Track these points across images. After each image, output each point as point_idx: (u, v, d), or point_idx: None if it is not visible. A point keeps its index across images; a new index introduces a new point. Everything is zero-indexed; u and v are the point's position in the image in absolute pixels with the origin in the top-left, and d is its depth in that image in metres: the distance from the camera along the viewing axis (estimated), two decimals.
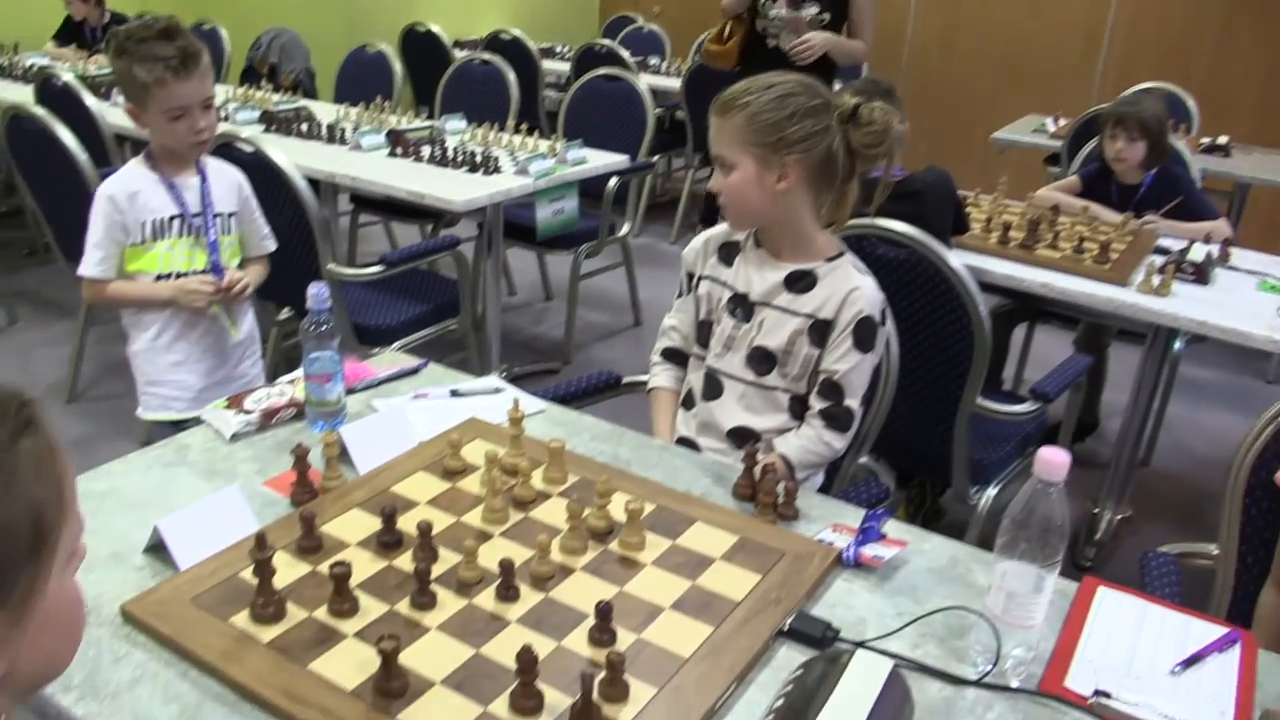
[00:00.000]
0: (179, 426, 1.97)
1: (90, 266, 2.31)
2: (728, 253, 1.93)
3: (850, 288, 1.79)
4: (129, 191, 2.29)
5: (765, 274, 1.85)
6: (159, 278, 2.35)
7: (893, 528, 1.51)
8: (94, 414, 3.70)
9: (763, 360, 1.85)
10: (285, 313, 3.43)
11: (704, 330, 1.94)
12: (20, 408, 0.73)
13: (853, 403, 1.82)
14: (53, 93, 3.94)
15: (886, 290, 1.85)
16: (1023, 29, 6.65)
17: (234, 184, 2.46)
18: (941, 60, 7.02)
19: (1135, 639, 1.31)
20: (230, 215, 2.44)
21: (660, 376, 2.05)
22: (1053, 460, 1.14)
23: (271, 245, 2.56)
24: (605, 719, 1.10)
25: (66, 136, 3.17)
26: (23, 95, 4.15)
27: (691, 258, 1.99)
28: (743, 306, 1.87)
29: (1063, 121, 4.99)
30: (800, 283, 1.82)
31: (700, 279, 1.95)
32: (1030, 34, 6.63)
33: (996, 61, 6.75)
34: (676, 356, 2.04)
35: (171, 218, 2.33)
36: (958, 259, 2.27)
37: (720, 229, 1.96)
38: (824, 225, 1.85)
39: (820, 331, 1.80)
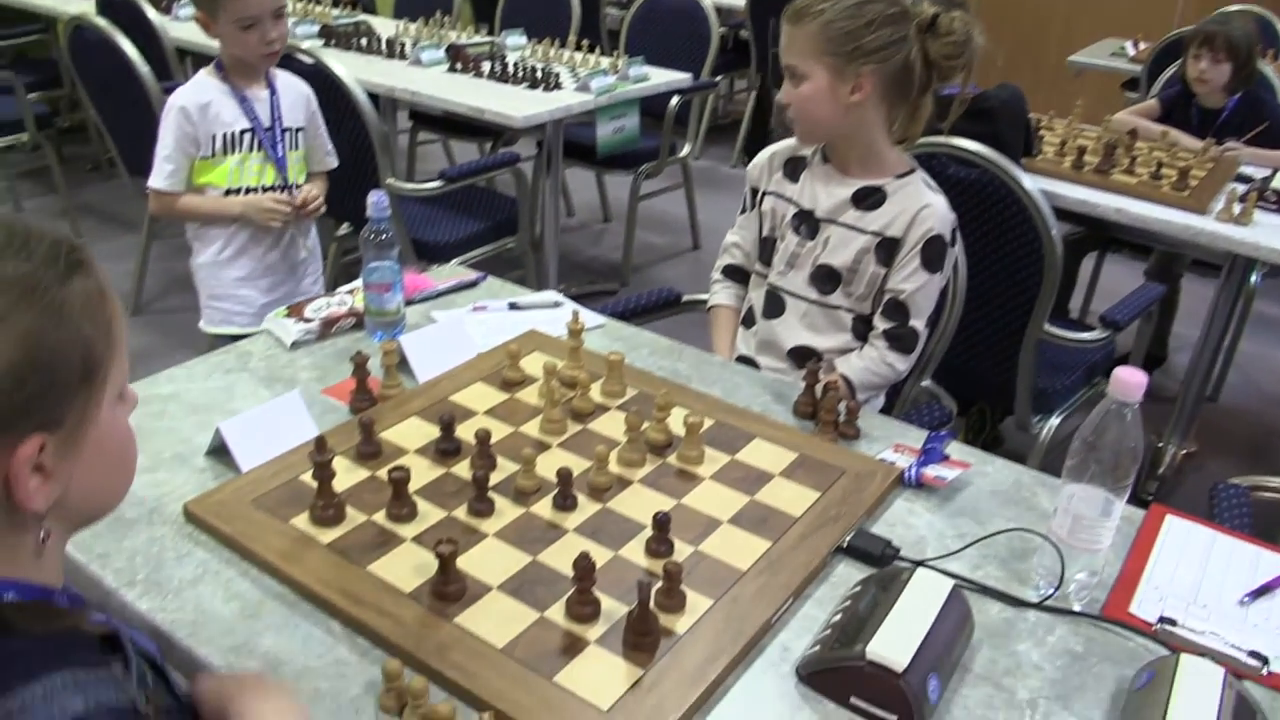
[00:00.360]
0: (241, 341, 2.00)
1: (160, 179, 2.32)
2: (793, 168, 1.89)
3: (921, 205, 1.75)
4: (200, 103, 2.29)
5: (832, 190, 1.81)
6: (228, 192, 2.35)
7: (955, 449, 1.48)
8: (157, 326, 3.76)
9: (827, 279, 1.82)
10: (344, 228, 3.44)
11: (766, 247, 1.91)
12: (71, 250, 0.77)
13: (918, 324, 1.79)
14: (114, 4, 3.94)
15: (956, 211, 1.80)
16: None
17: (302, 98, 2.45)
18: None
19: (1203, 568, 1.28)
20: (298, 130, 2.43)
21: (720, 294, 2.03)
22: (1129, 380, 1.11)
23: (334, 162, 2.56)
24: (662, 628, 1.10)
25: (129, 48, 3.18)
26: (84, 6, 4.16)
27: (756, 172, 1.95)
28: (808, 223, 1.84)
29: (1143, 45, 4.81)
30: (869, 199, 1.78)
31: (764, 194, 1.92)
32: None
33: None
34: (738, 274, 2.02)
35: (243, 131, 2.33)
36: (1031, 182, 2.20)
37: (786, 143, 1.91)
38: (895, 141, 1.80)
39: (887, 250, 1.77)
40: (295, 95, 2.43)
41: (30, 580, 0.77)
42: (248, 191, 2.36)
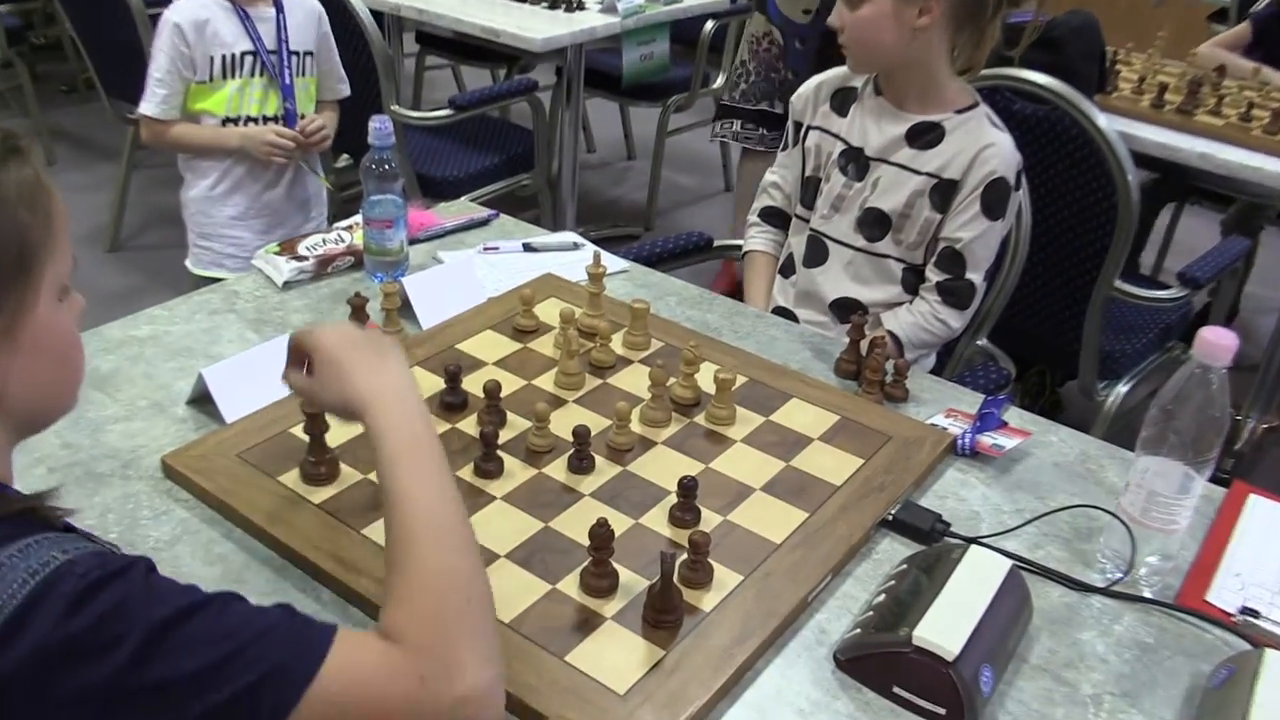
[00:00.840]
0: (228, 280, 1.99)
1: (151, 104, 2.29)
2: (842, 100, 1.85)
3: (983, 144, 1.71)
4: (197, 20, 2.24)
5: (885, 126, 1.78)
6: (225, 121, 2.32)
7: (1014, 416, 1.46)
8: (137, 264, 3.77)
9: (876, 224, 1.79)
10: (344, 160, 3.42)
11: (809, 188, 1.88)
12: (7, 138, 0.81)
13: (975, 276, 1.75)
14: None
15: (1022, 151, 1.77)
16: None
17: (313, 17, 2.40)
18: None
19: None
20: (307, 54, 2.39)
21: (757, 239, 2.00)
22: (1217, 341, 1.08)
23: (346, 90, 2.53)
24: (686, 605, 1.09)
25: None
26: None
27: (800, 105, 1.91)
28: (856, 162, 1.80)
29: None
30: (925, 136, 1.74)
31: (809, 129, 1.88)
32: None
33: None
34: (777, 218, 1.99)
35: (244, 53, 2.29)
36: (1106, 121, 2.16)
37: (835, 73, 1.88)
38: (957, 71, 1.76)
39: (944, 193, 1.73)
40: (304, 14, 2.38)
41: None
42: (248, 121, 2.32)
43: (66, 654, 0.69)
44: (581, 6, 3.44)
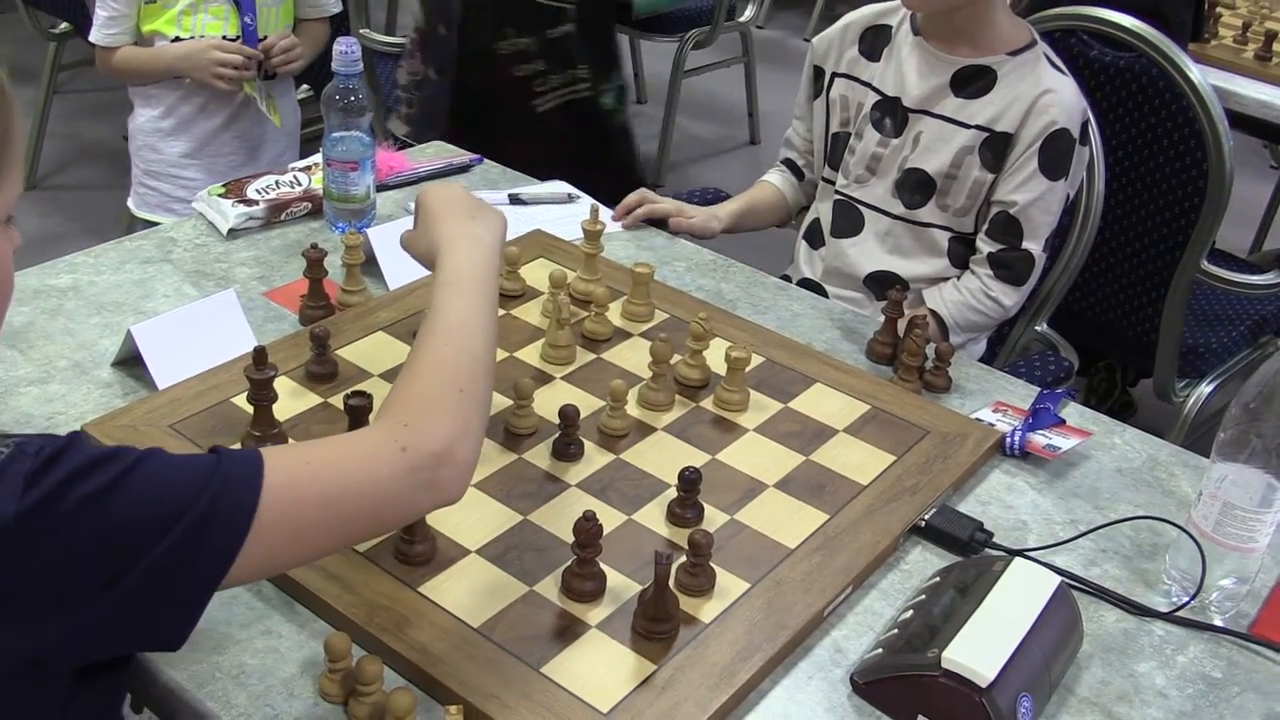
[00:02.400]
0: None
1: (96, 30, 2.31)
2: (873, 42, 1.87)
3: (1041, 90, 1.73)
4: None
5: (926, 71, 1.79)
6: (176, 41, 2.32)
7: (1073, 414, 1.48)
8: (58, 205, 3.79)
9: (917, 188, 1.81)
10: (304, 90, 3.43)
11: (838, 145, 1.90)
12: None
13: (1033, 246, 1.77)
14: None
15: (1097, 106, 1.79)
16: None
17: None
18: None
19: None
20: None
21: (772, 174, 2.05)
22: None
23: (334, 6, 2.53)
24: (683, 614, 1.11)
25: None
26: None
27: (823, 48, 1.93)
28: (893, 115, 1.82)
29: None
30: (974, 84, 1.76)
31: (834, 77, 1.90)
32: None
33: None
34: (797, 171, 2.02)
35: None
36: (1200, 73, 2.17)
37: (866, 10, 1.89)
38: (1017, 10, 1.78)
39: (997, 149, 1.75)
40: None
41: None
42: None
43: (28, 524, 0.77)
44: None
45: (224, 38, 2.33)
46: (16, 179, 0.92)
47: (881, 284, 1.83)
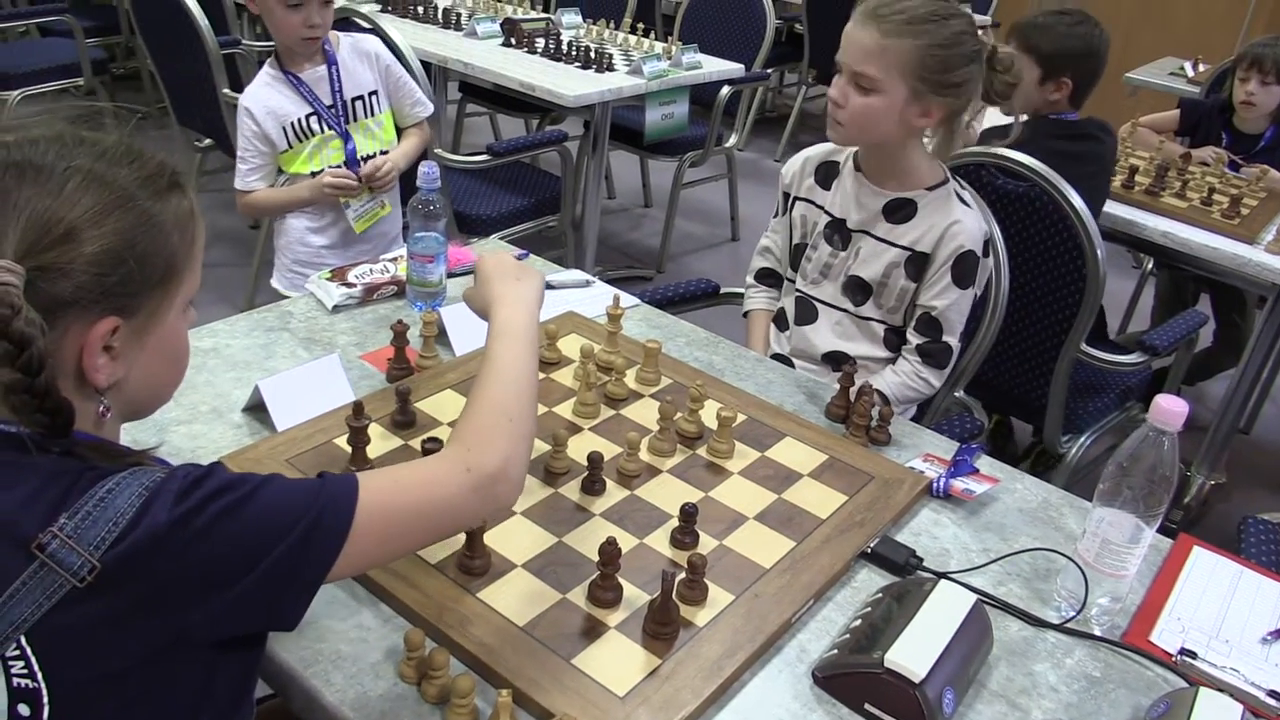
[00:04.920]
0: (283, 300, 1.99)
1: (238, 179, 2.32)
2: (825, 174, 1.87)
3: (950, 221, 1.73)
4: (261, 101, 2.27)
5: (864, 200, 1.79)
6: (314, 175, 2.33)
7: (985, 463, 1.48)
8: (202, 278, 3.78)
9: (858, 290, 1.81)
10: None
11: (797, 254, 1.90)
12: (172, 173, 0.91)
13: (951, 339, 1.77)
14: None
15: (1001, 224, 1.78)
16: None
17: (368, 56, 2.39)
18: None
19: (1227, 603, 1.27)
20: (371, 95, 2.38)
21: (756, 299, 2.03)
22: (1170, 409, 1.10)
23: (425, 111, 2.50)
24: (682, 619, 1.11)
25: (189, 0, 3.19)
26: None
27: (789, 177, 1.94)
28: (840, 233, 1.82)
29: (1203, 67, 4.75)
30: (900, 212, 1.76)
31: (796, 200, 1.91)
32: None
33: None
34: (771, 277, 2.02)
35: (308, 116, 2.30)
36: (1080, 200, 2.18)
37: (820, 149, 1.90)
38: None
39: (918, 265, 1.75)
40: (358, 56, 2.38)
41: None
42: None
43: (179, 530, 0.80)
44: (610, 68, 3.47)
45: (343, 164, 2.35)
46: (196, 278, 0.94)
47: (836, 361, 1.83)
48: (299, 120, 2.29)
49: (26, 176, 0.81)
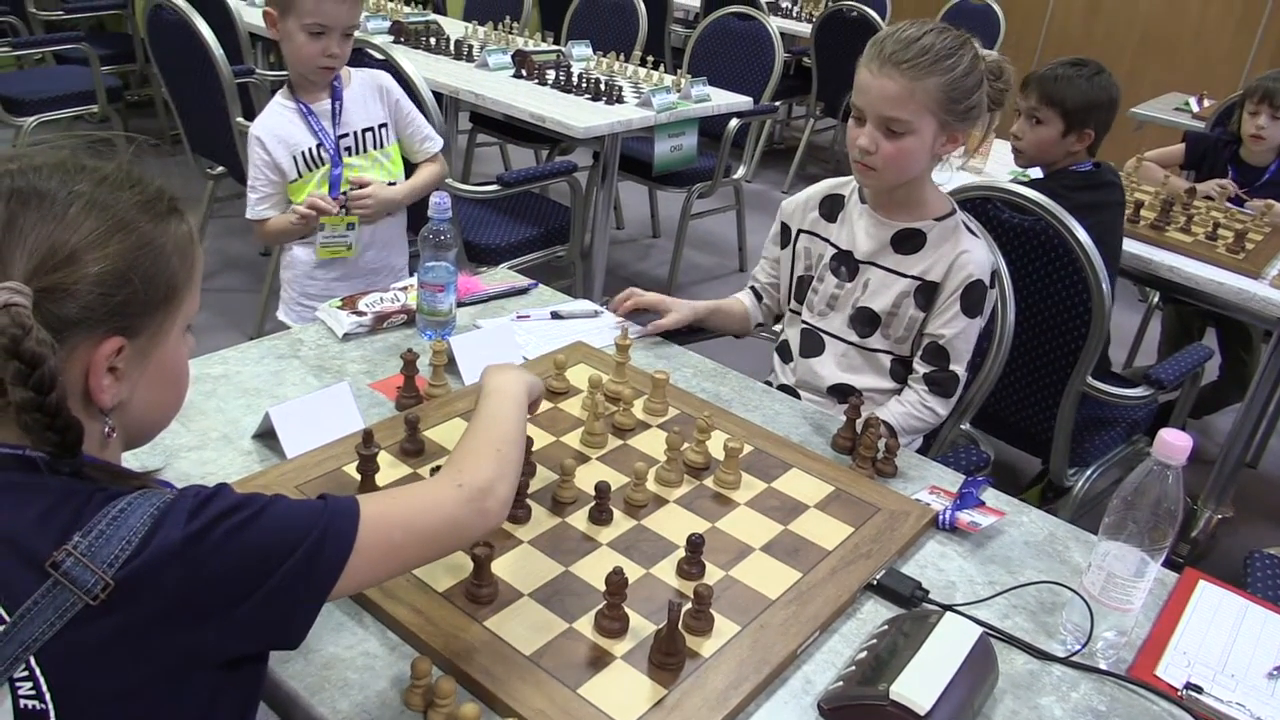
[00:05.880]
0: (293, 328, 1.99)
1: (249, 209, 2.33)
2: (830, 207, 1.88)
3: (959, 250, 1.74)
4: (273, 131, 2.28)
5: (872, 231, 1.80)
6: None
7: (991, 496, 1.48)
8: (208, 303, 3.78)
9: (867, 322, 1.82)
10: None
11: (802, 286, 1.91)
12: (171, 199, 0.94)
13: (958, 368, 1.78)
14: None
15: (1007, 257, 1.79)
16: (1174, 4, 6.36)
17: (377, 91, 2.40)
18: (1084, 29, 6.76)
19: (1233, 637, 1.27)
20: (381, 127, 2.40)
21: (743, 295, 2.05)
22: (1174, 443, 1.10)
23: (435, 146, 2.50)
24: (688, 650, 1.11)
25: (205, 31, 3.23)
26: None
27: (791, 209, 1.94)
28: (847, 265, 1.83)
29: (1208, 102, 4.78)
30: (909, 243, 1.77)
31: (799, 233, 1.92)
32: (1181, 10, 6.33)
33: (1142, 34, 6.48)
34: (759, 295, 2.04)
35: (315, 147, 2.31)
36: (1085, 234, 2.19)
37: (823, 186, 1.92)
38: None
39: (927, 294, 1.77)
40: (366, 91, 2.39)
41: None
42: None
43: (191, 547, 0.82)
44: (620, 100, 3.50)
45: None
46: (196, 300, 0.96)
47: (841, 393, 1.83)
48: (310, 150, 2.31)
49: (31, 203, 0.84)
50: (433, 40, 4.03)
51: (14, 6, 4.80)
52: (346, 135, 2.34)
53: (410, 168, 2.51)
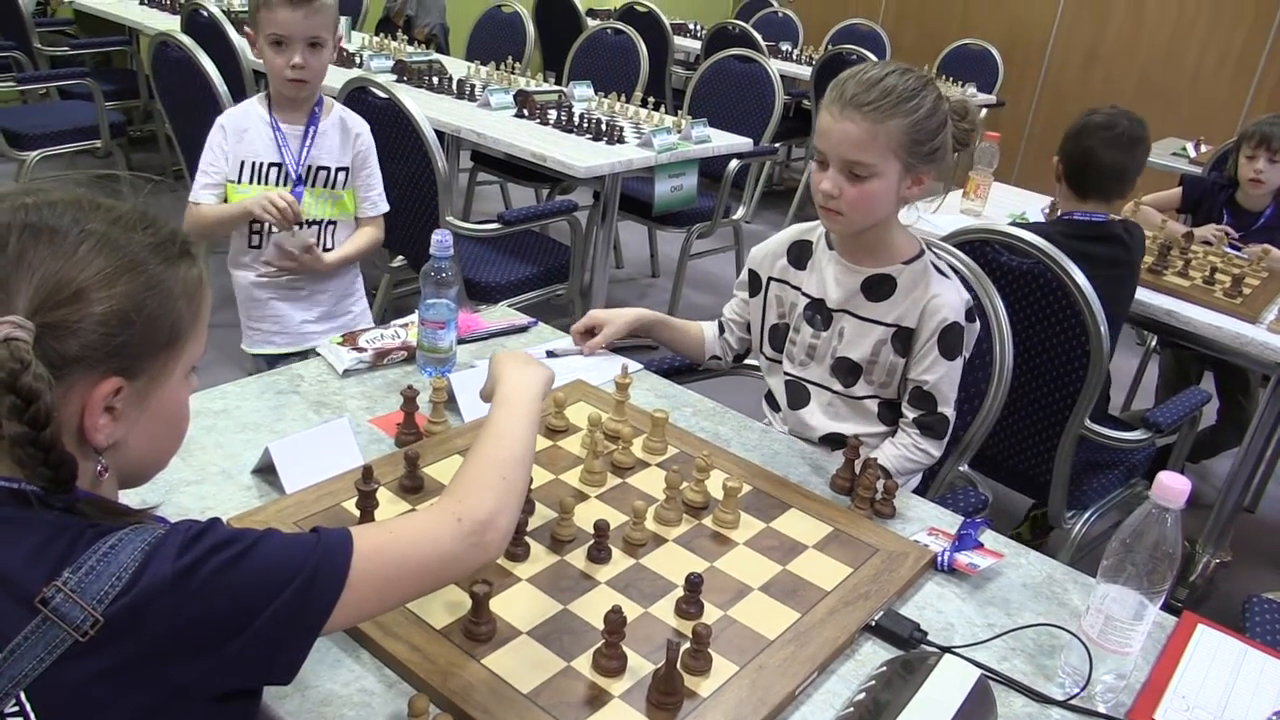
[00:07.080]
0: (282, 361, 2.00)
1: (194, 190, 2.34)
2: (798, 254, 1.88)
3: (930, 295, 1.73)
4: (239, 126, 2.31)
5: (841, 279, 1.79)
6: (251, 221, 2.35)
7: (989, 538, 1.48)
8: (210, 339, 3.78)
9: (849, 372, 1.81)
10: (399, 260, 3.50)
11: (777, 334, 1.90)
12: (184, 241, 0.94)
13: (946, 410, 1.78)
14: (199, 24, 4.06)
15: (1006, 300, 1.80)
16: (1171, 50, 6.44)
17: (351, 137, 2.41)
18: (1082, 74, 6.84)
19: (1232, 681, 1.27)
20: (340, 170, 2.41)
21: (706, 325, 2.07)
22: (1173, 485, 1.11)
23: (373, 211, 2.49)
24: (686, 689, 1.11)
25: (209, 67, 3.27)
26: (171, 25, 4.29)
27: (759, 257, 1.93)
28: (821, 313, 1.82)
29: (1205, 147, 4.82)
30: (879, 289, 1.77)
31: (770, 280, 1.91)
32: (1179, 56, 6.41)
33: (1140, 79, 6.56)
34: (724, 329, 2.05)
35: (270, 164, 2.32)
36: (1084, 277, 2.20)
37: (791, 230, 1.92)
38: None
39: (904, 340, 1.76)
40: (343, 135, 2.40)
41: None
42: (269, 226, 2.31)
43: (181, 583, 0.81)
44: (621, 140, 3.54)
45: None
46: (200, 345, 0.97)
47: (834, 442, 1.83)
48: (261, 164, 2.31)
49: (42, 238, 0.85)
50: (435, 79, 4.08)
51: (20, 42, 4.85)
52: (309, 166, 2.36)
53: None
